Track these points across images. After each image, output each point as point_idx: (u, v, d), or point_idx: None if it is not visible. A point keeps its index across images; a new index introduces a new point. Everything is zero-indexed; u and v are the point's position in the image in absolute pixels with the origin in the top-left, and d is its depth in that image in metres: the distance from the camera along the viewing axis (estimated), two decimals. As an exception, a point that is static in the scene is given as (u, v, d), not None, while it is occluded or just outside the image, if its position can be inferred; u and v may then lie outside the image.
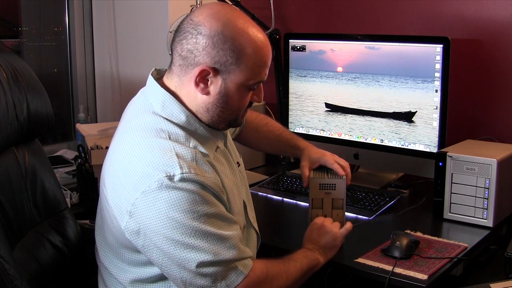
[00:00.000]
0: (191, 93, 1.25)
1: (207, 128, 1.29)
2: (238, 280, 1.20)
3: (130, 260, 1.26)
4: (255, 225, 1.45)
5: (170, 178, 1.14)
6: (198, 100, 1.25)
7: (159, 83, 1.28)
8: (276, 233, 1.70)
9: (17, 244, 1.36)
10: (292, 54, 2.19)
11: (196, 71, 1.21)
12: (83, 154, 2.06)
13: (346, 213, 1.77)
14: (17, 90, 1.40)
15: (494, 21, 1.98)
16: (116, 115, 2.54)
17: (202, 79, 1.22)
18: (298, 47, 2.18)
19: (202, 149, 1.24)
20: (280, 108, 2.32)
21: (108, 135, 2.13)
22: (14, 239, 1.36)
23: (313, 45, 2.14)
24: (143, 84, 1.34)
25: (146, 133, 1.22)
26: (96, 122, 2.61)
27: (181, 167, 1.15)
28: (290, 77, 2.22)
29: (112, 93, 2.53)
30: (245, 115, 1.34)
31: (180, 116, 1.25)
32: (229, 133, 1.44)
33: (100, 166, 1.95)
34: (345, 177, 1.55)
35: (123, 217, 1.19)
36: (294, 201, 1.90)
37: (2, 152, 1.38)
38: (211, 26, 1.19)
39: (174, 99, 1.25)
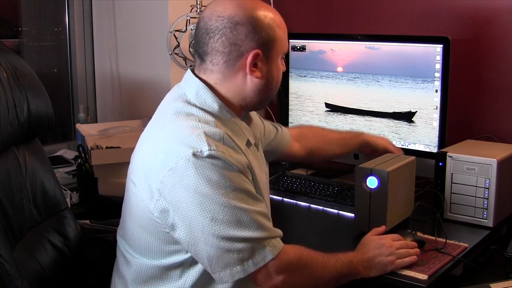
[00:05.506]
0: (238, 83, 1.28)
1: (239, 121, 1.30)
2: (266, 260, 1.19)
3: (159, 251, 1.24)
4: None
5: (198, 154, 1.15)
6: (247, 87, 1.28)
7: (195, 75, 1.30)
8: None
9: (17, 244, 1.36)
10: (292, 54, 2.19)
11: (246, 59, 1.25)
12: (83, 154, 2.06)
13: (347, 213, 1.77)
14: (18, 90, 1.40)
15: (494, 21, 1.98)
16: (116, 115, 2.53)
17: (253, 65, 1.26)
18: (298, 47, 2.18)
19: (233, 137, 1.25)
20: (280, 108, 2.32)
21: (108, 135, 2.13)
22: (14, 239, 1.36)
23: (313, 45, 2.14)
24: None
25: (175, 116, 1.24)
26: (96, 122, 2.60)
27: (209, 145, 1.16)
28: (290, 77, 2.22)
29: (112, 93, 2.53)
30: None
31: (213, 105, 1.27)
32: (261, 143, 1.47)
33: (100, 166, 1.98)
34: None
35: (153, 196, 1.19)
36: (294, 201, 1.90)
37: (2, 152, 1.38)
38: (245, 14, 1.24)
39: (208, 89, 1.27)
